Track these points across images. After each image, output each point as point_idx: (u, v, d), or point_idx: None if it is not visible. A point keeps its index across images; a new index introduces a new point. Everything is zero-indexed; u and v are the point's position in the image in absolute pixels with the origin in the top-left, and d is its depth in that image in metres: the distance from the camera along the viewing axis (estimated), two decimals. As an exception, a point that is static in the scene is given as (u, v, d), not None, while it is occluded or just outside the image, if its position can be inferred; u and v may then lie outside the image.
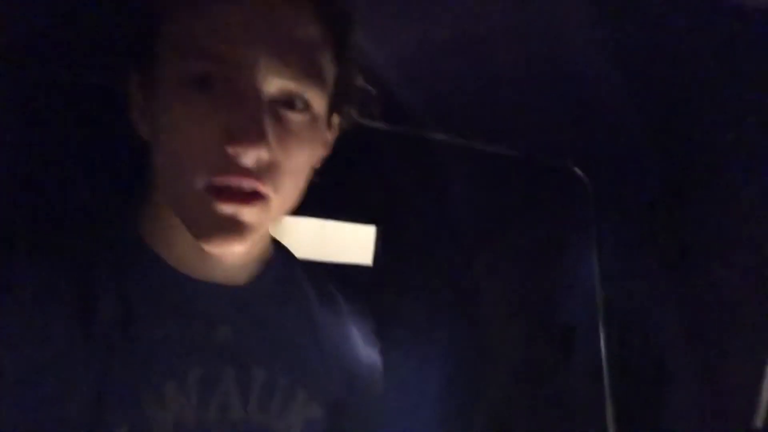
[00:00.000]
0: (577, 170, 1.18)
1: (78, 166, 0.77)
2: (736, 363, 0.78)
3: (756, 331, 0.75)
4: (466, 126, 1.06)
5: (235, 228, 0.53)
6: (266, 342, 0.61)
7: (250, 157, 0.51)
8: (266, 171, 0.53)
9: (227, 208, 0.52)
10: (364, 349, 0.72)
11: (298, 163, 0.55)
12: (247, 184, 0.52)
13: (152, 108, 0.56)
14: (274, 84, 0.52)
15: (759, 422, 0.72)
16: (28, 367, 0.50)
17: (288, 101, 0.54)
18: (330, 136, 0.64)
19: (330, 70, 0.58)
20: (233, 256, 0.59)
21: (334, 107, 0.61)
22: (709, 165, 0.88)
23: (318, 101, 0.56)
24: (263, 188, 0.53)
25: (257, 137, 0.50)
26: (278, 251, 0.69)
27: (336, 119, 0.64)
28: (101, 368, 0.52)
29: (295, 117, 0.54)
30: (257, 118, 0.51)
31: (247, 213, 0.53)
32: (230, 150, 0.51)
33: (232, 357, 0.59)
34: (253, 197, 0.53)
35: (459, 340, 1.06)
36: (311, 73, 0.54)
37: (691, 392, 0.86)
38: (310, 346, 0.65)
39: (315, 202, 0.63)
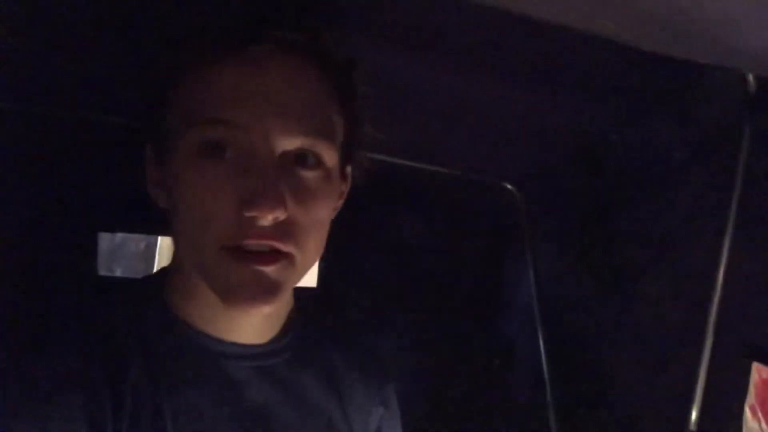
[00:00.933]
0: (510, 187, 1.23)
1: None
2: (669, 369, 0.83)
3: (686, 338, 0.81)
4: (404, 146, 1.08)
5: (261, 285, 0.53)
6: (290, 404, 0.62)
7: (267, 219, 0.51)
8: (286, 230, 0.53)
9: (249, 268, 0.52)
10: (385, 412, 0.73)
11: (316, 218, 0.56)
12: (268, 244, 0.53)
13: (168, 178, 0.56)
14: (285, 144, 0.53)
15: (692, 425, 0.78)
16: None
17: (300, 158, 0.54)
18: (344, 187, 0.65)
19: (339, 123, 0.59)
20: (259, 315, 0.59)
21: (345, 158, 0.62)
22: (637, 182, 0.94)
23: (329, 155, 0.56)
24: (285, 247, 0.53)
25: (274, 201, 0.51)
26: (299, 310, 0.69)
27: (349, 169, 0.65)
28: None
29: (308, 174, 0.55)
30: (272, 182, 0.51)
31: (272, 271, 0.53)
32: (248, 214, 0.51)
33: (261, 419, 0.59)
34: (276, 256, 0.53)
35: (404, 356, 1.08)
36: (320, 129, 0.55)
37: (629, 398, 0.91)
38: (334, 408, 0.66)
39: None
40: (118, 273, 2.12)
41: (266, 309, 0.54)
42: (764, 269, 0.74)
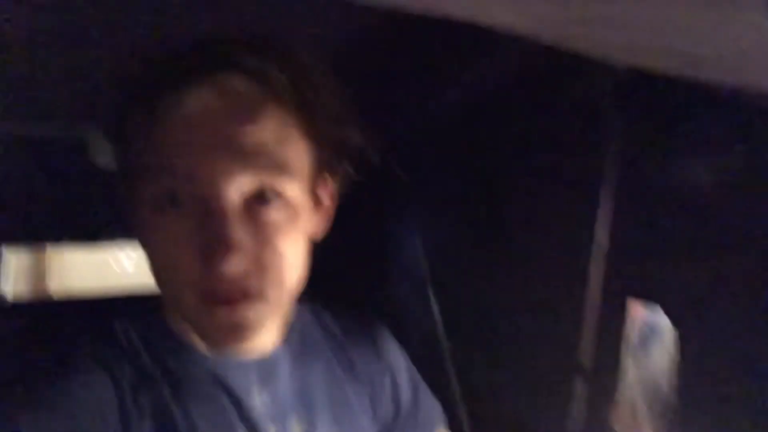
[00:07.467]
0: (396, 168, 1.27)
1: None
2: (557, 311, 0.93)
3: (567, 285, 0.91)
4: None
5: (236, 329, 0.54)
6: (301, 398, 0.65)
7: (227, 268, 0.51)
8: (252, 273, 0.53)
9: (222, 312, 0.53)
10: (394, 377, 0.76)
11: (284, 253, 0.55)
12: (235, 290, 0.53)
13: (135, 225, 0.57)
14: (238, 188, 0.52)
15: (582, 356, 0.88)
16: None
17: (259, 197, 0.53)
18: (328, 203, 0.63)
19: (301, 150, 0.57)
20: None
21: (319, 180, 0.60)
22: (514, 156, 1.02)
23: (291, 188, 0.55)
24: (253, 290, 0.53)
25: (228, 251, 0.51)
26: (297, 311, 0.70)
27: (330, 186, 0.63)
28: None
29: (269, 212, 0.54)
30: (225, 232, 0.51)
31: (244, 309, 0.53)
32: (209, 264, 0.51)
33: (272, 416, 0.62)
34: (246, 298, 0.53)
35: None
36: (276, 165, 0.54)
37: (521, 343, 1.00)
38: (340, 393, 0.69)
39: None
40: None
41: (244, 345, 0.56)
42: (642, 219, 0.84)
